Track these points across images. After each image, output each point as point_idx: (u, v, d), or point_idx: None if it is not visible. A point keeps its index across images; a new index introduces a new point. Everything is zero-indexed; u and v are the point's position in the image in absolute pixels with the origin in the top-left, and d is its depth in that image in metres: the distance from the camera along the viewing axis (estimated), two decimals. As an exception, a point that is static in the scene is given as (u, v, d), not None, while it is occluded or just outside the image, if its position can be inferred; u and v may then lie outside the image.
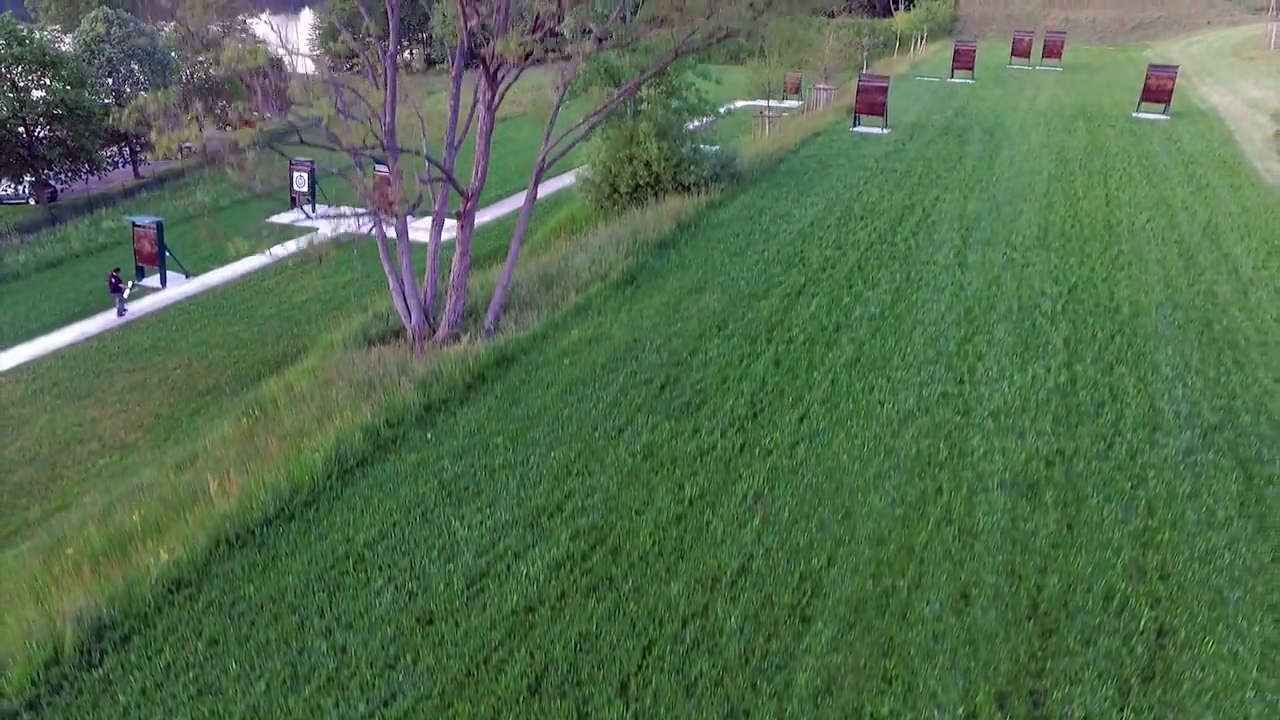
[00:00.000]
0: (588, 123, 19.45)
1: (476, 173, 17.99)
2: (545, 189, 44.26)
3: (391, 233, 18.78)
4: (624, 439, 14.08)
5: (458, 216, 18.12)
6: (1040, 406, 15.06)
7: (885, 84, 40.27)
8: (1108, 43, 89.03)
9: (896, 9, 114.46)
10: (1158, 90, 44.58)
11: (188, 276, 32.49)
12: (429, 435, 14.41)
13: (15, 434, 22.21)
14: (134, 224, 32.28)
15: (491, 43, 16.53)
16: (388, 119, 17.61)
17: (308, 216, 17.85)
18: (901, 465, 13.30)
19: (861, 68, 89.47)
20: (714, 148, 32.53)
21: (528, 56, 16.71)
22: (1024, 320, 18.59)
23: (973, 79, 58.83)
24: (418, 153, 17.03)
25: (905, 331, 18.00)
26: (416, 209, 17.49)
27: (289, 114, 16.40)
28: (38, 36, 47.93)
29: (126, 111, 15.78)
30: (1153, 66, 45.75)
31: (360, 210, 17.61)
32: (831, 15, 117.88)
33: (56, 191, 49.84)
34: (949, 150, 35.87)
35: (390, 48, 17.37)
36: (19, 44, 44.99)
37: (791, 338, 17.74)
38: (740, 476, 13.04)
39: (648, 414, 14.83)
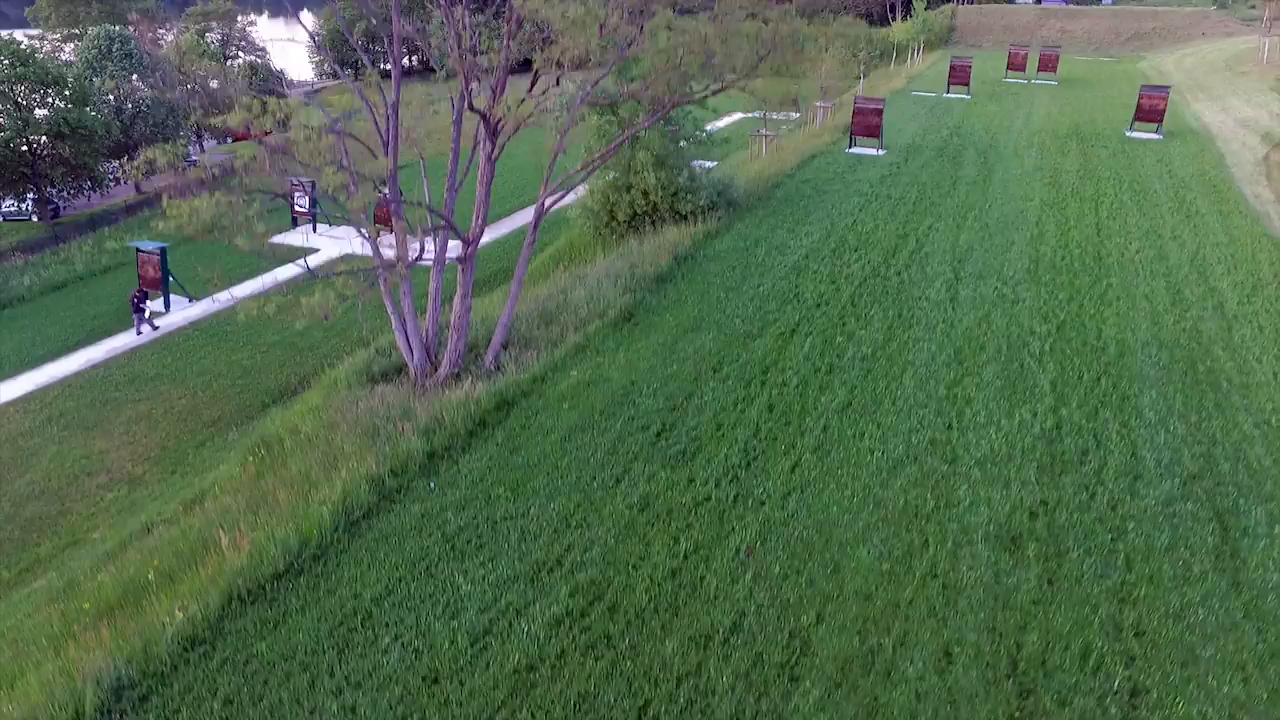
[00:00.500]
0: (586, 170, 19.93)
1: (477, 220, 18.48)
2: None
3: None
4: (621, 489, 14.53)
5: (459, 261, 18.59)
6: (1026, 454, 15.52)
7: (880, 106, 40.75)
8: (1103, 53, 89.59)
9: (893, 18, 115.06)
10: (1151, 110, 45.10)
11: (191, 300, 32.92)
12: (431, 485, 14.86)
13: (24, 466, 22.63)
14: (138, 250, 32.69)
15: (492, 104, 17.06)
16: (391, 166, 18.07)
17: (313, 275, 18.16)
18: (889, 517, 13.76)
19: (860, 76, 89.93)
20: (710, 164, 33.03)
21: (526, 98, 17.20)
22: (1012, 361, 19.05)
23: (969, 94, 59.37)
24: (420, 204, 17.48)
25: (896, 374, 18.46)
26: (419, 260, 17.90)
27: (296, 176, 16.83)
28: (40, 51, 48.39)
29: (135, 165, 16.22)
30: (1146, 87, 46.29)
31: (364, 267, 17.99)
32: (835, 14, 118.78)
33: (59, 208, 50.26)
34: (943, 173, 36.35)
35: (393, 98, 17.83)
36: (22, 64, 45.41)
37: (785, 380, 18.20)
38: (734, 529, 13.49)
39: (644, 462, 15.29)
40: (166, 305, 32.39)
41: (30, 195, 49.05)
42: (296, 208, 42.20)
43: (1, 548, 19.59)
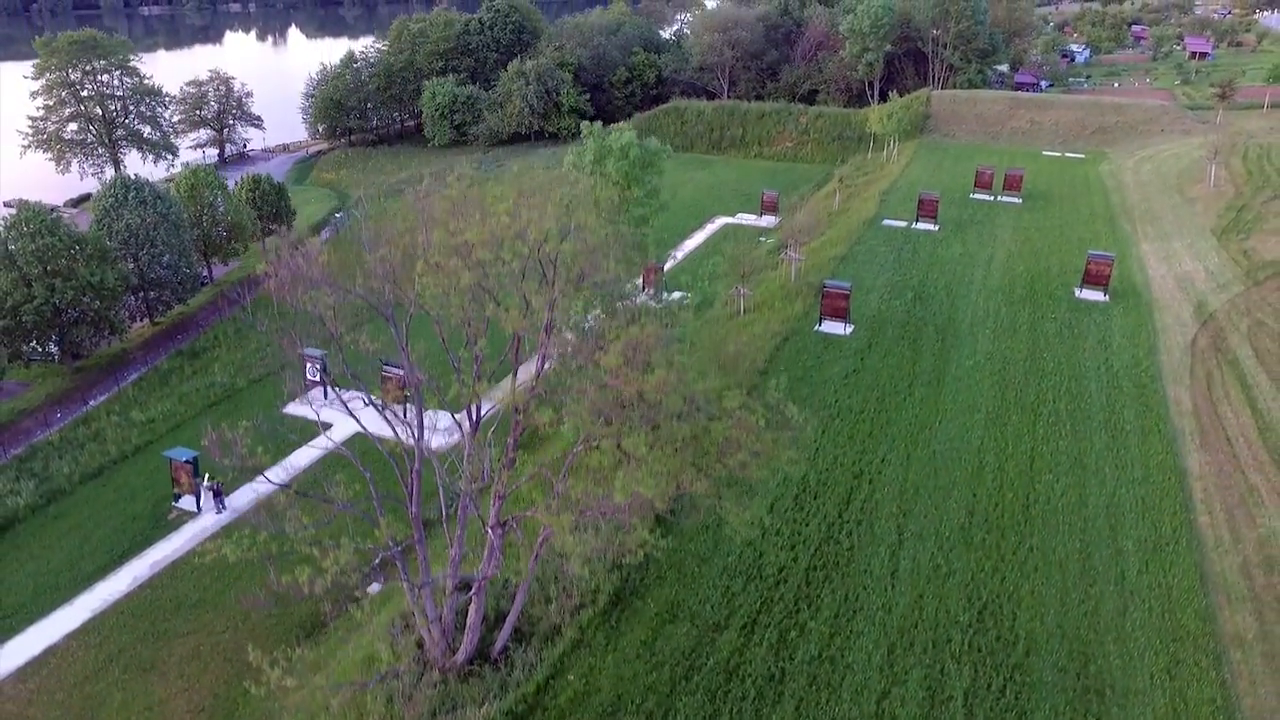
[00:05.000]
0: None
1: (488, 564, 22.31)
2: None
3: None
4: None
5: (475, 592, 22.45)
6: (935, 794, 19.31)
7: (847, 291, 44.68)
8: (1069, 147, 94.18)
9: (872, 98, 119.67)
10: (1097, 275, 49.41)
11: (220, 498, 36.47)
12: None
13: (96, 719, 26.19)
14: (171, 460, 36.21)
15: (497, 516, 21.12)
16: (421, 558, 21.91)
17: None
18: None
19: (838, 162, 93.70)
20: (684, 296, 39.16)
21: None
22: (934, 665, 22.83)
23: (936, 226, 63.36)
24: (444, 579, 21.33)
25: (836, 684, 22.23)
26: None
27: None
28: (64, 220, 52.20)
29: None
30: (1093, 254, 50.48)
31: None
32: (811, 99, 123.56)
33: (80, 351, 53.85)
34: (902, 368, 40.20)
35: (413, 509, 21.64)
36: (50, 234, 49.12)
37: (745, 692, 21.96)
38: None
39: (628, 808, 19.03)
40: (199, 506, 35.94)
41: (54, 339, 52.67)
42: (308, 378, 45.82)
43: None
